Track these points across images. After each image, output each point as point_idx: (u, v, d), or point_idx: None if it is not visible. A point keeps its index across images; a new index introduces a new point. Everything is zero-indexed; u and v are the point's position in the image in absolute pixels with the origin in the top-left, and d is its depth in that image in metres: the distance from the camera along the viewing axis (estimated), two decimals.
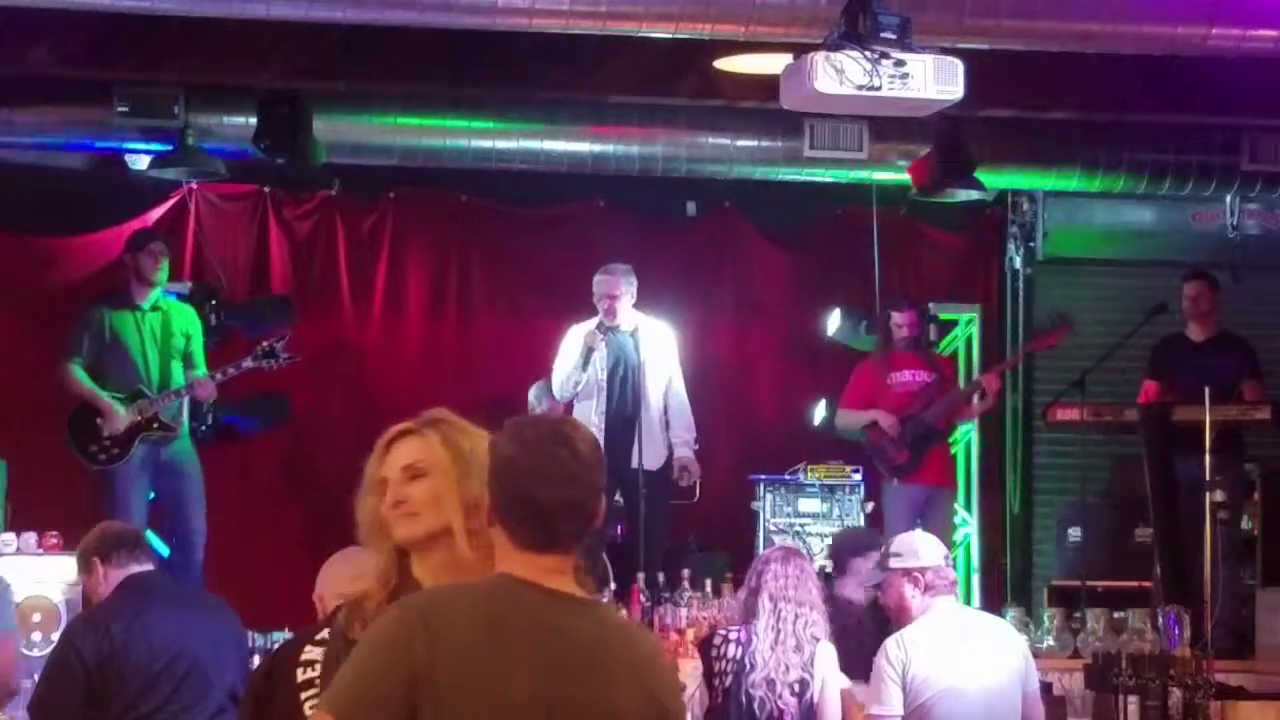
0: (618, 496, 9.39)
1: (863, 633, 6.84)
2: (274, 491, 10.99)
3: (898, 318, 10.17)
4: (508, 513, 3.05)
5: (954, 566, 6.31)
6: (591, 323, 9.70)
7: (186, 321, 9.67)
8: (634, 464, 9.43)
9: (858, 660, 6.47)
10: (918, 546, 6.13)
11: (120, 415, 9.24)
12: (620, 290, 9.63)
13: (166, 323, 9.53)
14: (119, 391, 9.37)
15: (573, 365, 9.60)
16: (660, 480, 9.63)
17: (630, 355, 9.56)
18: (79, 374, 9.41)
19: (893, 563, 6.10)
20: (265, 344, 9.54)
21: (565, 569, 3.06)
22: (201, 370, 9.54)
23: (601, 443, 9.31)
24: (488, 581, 3.05)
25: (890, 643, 5.99)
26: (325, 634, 3.97)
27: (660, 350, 9.69)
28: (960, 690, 5.84)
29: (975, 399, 10.50)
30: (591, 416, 9.47)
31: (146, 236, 9.91)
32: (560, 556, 3.06)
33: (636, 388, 9.54)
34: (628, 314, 9.66)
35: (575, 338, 9.68)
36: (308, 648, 3.95)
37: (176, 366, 9.51)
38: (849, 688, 6.42)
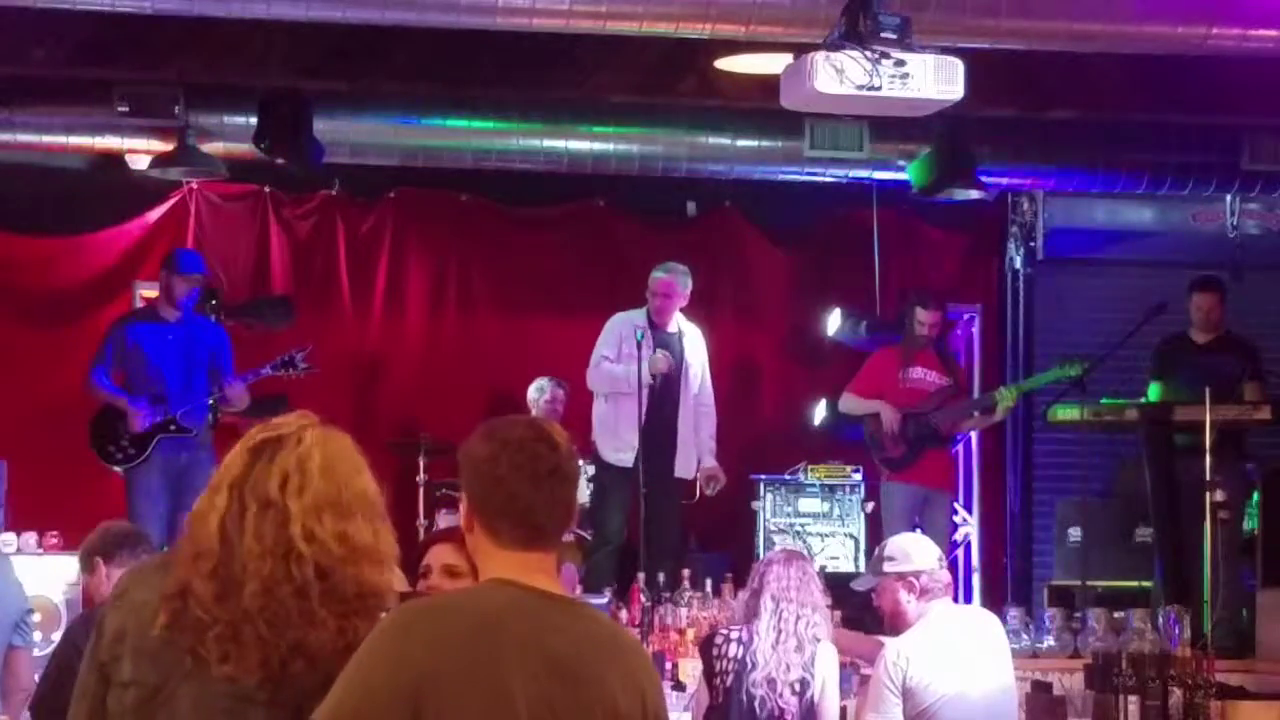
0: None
1: None
2: None
3: (922, 314, 10.10)
4: (491, 512, 3.06)
5: (951, 567, 6.28)
6: (636, 314, 9.62)
7: (213, 338, 9.74)
8: (675, 472, 9.42)
9: None
10: (910, 550, 6.10)
11: (140, 414, 9.33)
12: (677, 290, 9.60)
13: (192, 338, 9.61)
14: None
15: (616, 354, 9.46)
16: (689, 488, 9.63)
17: (675, 358, 9.54)
18: (101, 380, 9.54)
19: (886, 567, 6.06)
20: (286, 354, 9.59)
21: (549, 567, 3.09)
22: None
23: (637, 445, 9.07)
24: (479, 587, 3.06)
25: (888, 649, 5.98)
26: None
27: (698, 355, 9.69)
28: (965, 695, 5.83)
29: (979, 414, 10.48)
30: (634, 417, 9.39)
31: (184, 264, 9.80)
32: (543, 554, 3.08)
33: (676, 392, 9.52)
34: (676, 316, 9.64)
35: (615, 329, 9.60)
36: None
37: (199, 379, 9.55)
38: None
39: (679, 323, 9.70)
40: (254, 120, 9.77)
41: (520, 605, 2.99)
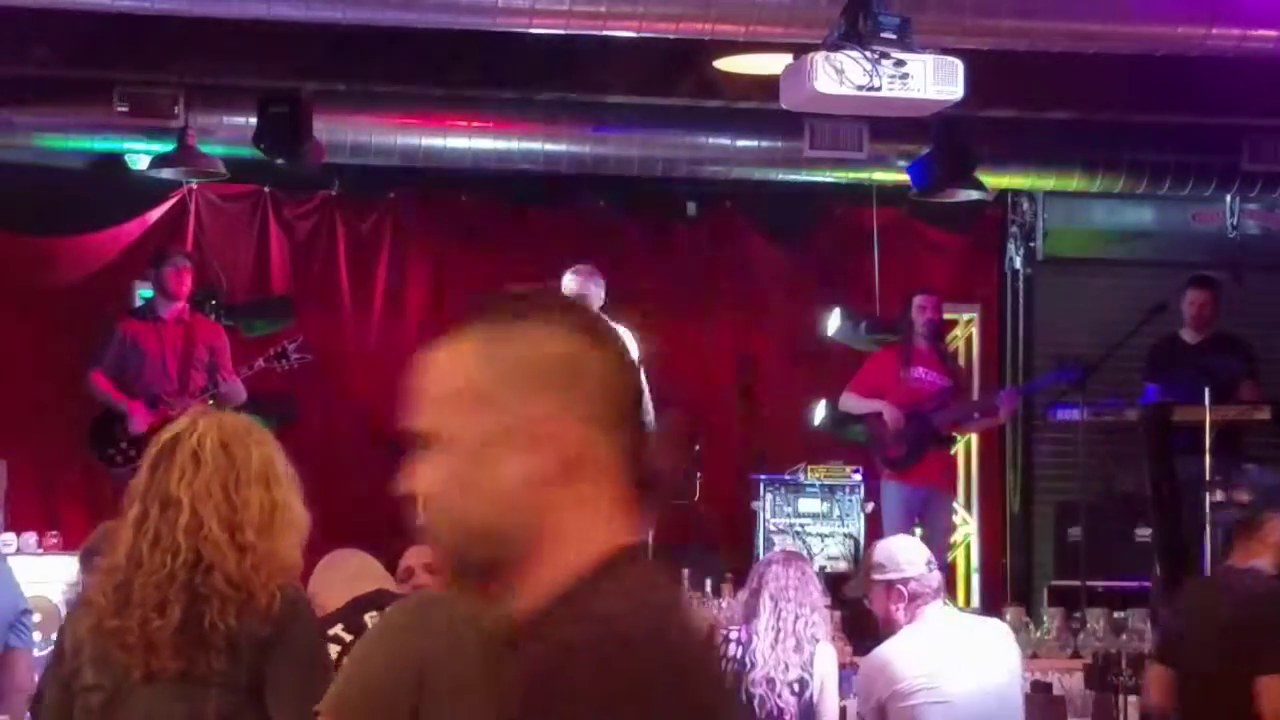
0: None
1: None
2: None
3: (919, 299, 10.10)
4: None
5: (951, 567, 6.24)
6: None
7: (210, 335, 9.72)
8: None
9: None
10: (899, 556, 6.03)
11: (139, 417, 9.30)
12: (590, 291, 9.55)
13: (189, 335, 9.59)
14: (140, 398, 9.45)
15: None
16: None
17: None
18: (99, 382, 9.49)
19: (874, 575, 6.01)
20: (279, 345, 9.58)
21: None
22: None
23: None
24: None
25: (871, 655, 5.97)
26: (339, 629, 3.98)
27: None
28: (949, 696, 5.81)
29: (980, 415, 10.46)
30: None
31: (169, 251, 9.92)
32: None
33: None
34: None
35: None
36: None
37: (198, 377, 9.53)
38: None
39: None
40: (254, 120, 9.77)
41: None
